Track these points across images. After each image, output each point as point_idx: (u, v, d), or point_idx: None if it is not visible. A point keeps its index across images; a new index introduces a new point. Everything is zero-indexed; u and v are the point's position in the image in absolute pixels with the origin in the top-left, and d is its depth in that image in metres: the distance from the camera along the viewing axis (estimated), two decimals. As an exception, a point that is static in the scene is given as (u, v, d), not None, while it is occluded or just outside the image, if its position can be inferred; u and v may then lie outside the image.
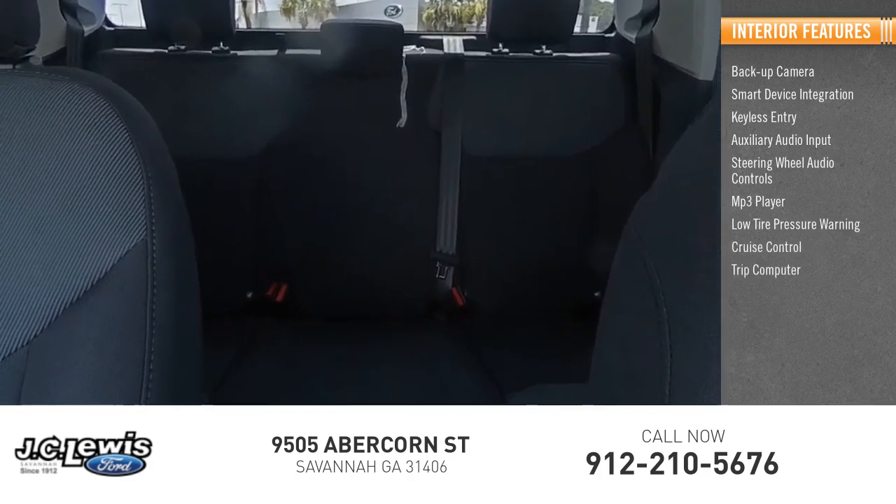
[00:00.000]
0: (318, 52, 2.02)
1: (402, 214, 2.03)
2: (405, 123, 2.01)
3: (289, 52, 2.17)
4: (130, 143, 0.74)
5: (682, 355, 0.52)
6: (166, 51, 2.06)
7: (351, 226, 2.03)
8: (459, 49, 2.16)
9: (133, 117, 0.76)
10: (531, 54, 2.07)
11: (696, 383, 0.51)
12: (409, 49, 2.12)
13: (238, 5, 3.90)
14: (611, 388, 0.65)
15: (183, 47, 2.05)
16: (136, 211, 0.73)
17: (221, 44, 2.07)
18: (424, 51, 2.17)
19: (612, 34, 2.28)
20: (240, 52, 2.09)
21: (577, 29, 2.10)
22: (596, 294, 1.96)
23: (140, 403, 0.70)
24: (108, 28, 2.27)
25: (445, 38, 2.21)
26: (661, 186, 0.63)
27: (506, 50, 2.08)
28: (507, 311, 2.07)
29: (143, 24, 2.03)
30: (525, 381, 1.56)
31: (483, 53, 2.10)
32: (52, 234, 0.71)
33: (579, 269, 1.98)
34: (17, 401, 0.70)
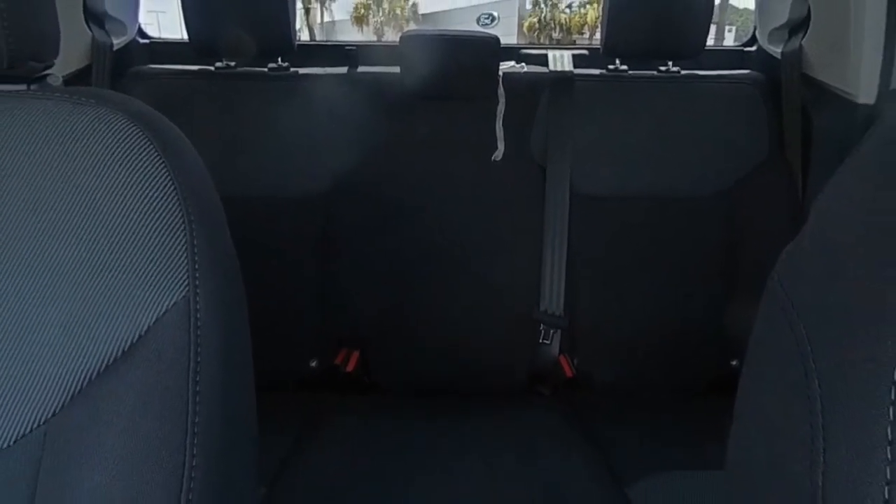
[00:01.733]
0: (396, 69, 2.02)
1: (499, 267, 2.01)
2: (502, 156, 2.01)
3: (361, 69, 2.18)
4: (170, 180, 0.73)
5: (839, 439, 0.50)
6: (213, 68, 2.08)
7: (435, 280, 2.02)
8: (568, 66, 2.15)
9: (173, 149, 0.75)
10: (655, 72, 2.08)
11: (857, 476, 0.48)
12: (506, 66, 2.11)
13: (300, 13, 3.87)
14: (751, 476, 0.63)
15: (233, 64, 2.08)
16: (177, 263, 0.72)
17: (280, 60, 2.10)
18: (525, 68, 2.16)
19: (753, 48, 2.27)
20: (302, 70, 2.11)
21: (709, 41, 2.08)
22: (734, 363, 1.97)
23: (181, 497, 0.68)
24: (142, 40, 2.33)
25: (551, 53, 2.21)
26: (812, 234, 0.61)
27: (624, 67, 2.08)
28: (625, 384, 2.04)
29: (185, 36, 2.03)
30: (647, 468, 1.59)
31: (596, 71, 2.10)
32: (74, 292, 0.70)
33: (713, 334, 1.98)
34: (33, 493, 0.68)
